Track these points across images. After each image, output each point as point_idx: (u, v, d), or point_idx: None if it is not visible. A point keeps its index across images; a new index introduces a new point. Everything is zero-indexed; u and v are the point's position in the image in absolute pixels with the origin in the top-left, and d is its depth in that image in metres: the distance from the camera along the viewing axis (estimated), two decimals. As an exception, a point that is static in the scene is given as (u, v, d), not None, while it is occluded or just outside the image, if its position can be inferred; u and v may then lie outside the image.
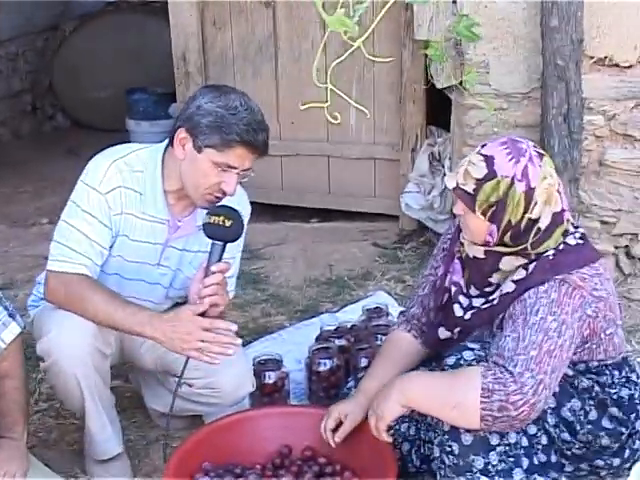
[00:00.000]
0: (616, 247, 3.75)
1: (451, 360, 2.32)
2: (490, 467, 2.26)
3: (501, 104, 3.59)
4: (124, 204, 2.62)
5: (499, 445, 2.27)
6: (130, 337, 2.77)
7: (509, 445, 2.28)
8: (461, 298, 2.48)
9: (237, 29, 4.61)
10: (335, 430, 2.56)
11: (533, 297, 2.29)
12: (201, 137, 2.48)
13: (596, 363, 2.41)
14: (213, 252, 2.52)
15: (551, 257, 2.34)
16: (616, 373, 2.46)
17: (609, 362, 2.45)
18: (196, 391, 2.77)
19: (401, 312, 2.80)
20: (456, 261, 2.52)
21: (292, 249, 4.44)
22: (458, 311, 2.47)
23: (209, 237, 2.52)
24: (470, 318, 2.44)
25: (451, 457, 2.29)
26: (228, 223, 2.49)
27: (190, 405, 2.86)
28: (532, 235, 2.34)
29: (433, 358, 2.58)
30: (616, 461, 2.44)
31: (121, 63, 6.37)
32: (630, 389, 2.47)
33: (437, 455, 2.34)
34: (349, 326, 3.30)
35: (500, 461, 2.26)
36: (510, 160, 2.31)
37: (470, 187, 2.31)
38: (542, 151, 2.42)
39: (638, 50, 3.52)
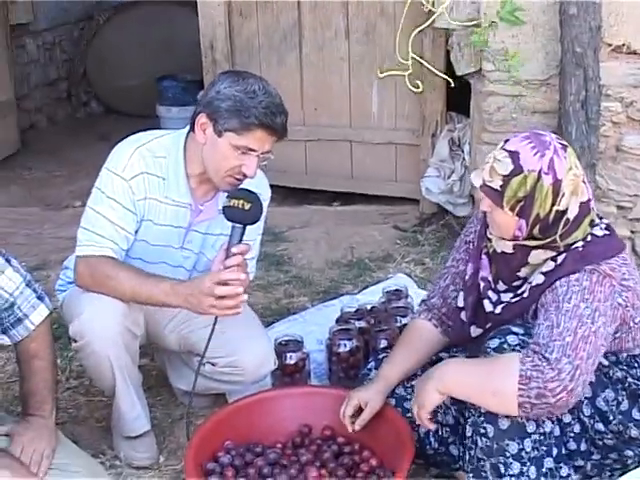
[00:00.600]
0: (632, 232, 3.66)
1: (494, 343, 2.22)
2: (523, 453, 2.17)
3: (520, 91, 3.50)
4: (148, 189, 2.57)
5: (534, 433, 2.17)
6: (155, 319, 2.74)
7: (544, 434, 2.19)
8: (490, 293, 2.39)
9: (263, 18, 4.54)
10: (354, 416, 2.50)
11: (565, 285, 2.20)
12: (221, 121, 2.43)
13: (625, 354, 2.32)
14: (233, 234, 2.46)
15: (580, 248, 2.25)
16: (644, 363, 2.39)
17: (637, 352, 2.37)
18: (219, 370, 2.71)
19: (422, 301, 2.72)
20: (483, 257, 2.43)
21: (315, 232, 4.37)
22: (488, 306, 2.38)
23: (229, 220, 2.46)
24: (501, 312, 2.35)
25: (484, 439, 2.20)
26: (247, 206, 2.44)
27: (213, 384, 2.81)
28: (561, 227, 2.24)
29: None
30: None
31: (151, 52, 6.33)
32: (658, 381, 2.39)
33: (469, 435, 2.25)
34: (369, 308, 3.23)
35: (533, 448, 2.17)
36: (535, 154, 2.21)
37: (497, 184, 2.22)
38: (565, 142, 2.32)
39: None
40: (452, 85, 4.09)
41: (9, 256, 2.36)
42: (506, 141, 2.28)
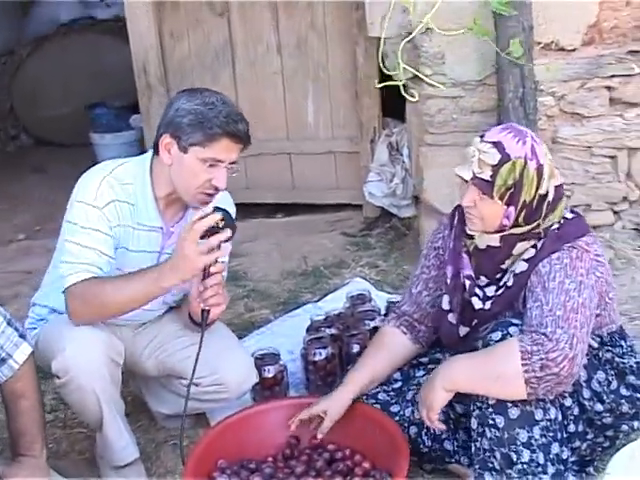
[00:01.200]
0: (572, 218, 3.67)
1: (496, 335, 2.19)
2: (533, 441, 2.15)
3: (458, 92, 3.47)
4: (120, 217, 2.46)
5: (542, 420, 2.15)
6: (131, 347, 2.62)
7: (550, 420, 2.16)
8: (477, 290, 2.35)
9: (194, 38, 4.42)
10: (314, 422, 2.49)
11: (547, 266, 2.22)
12: (184, 137, 2.35)
13: (605, 332, 2.33)
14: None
15: (556, 230, 2.27)
16: (623, 343, 2.39)
17: (614, 329, 2.37)
18: (203, 389, 2.61)
19: (391, 309, 2.71)
20: (463, 256, 2.39)
21: (265, 244, 4.27)
22: (477, 303, 2.34)
23: (204, 239, 2.35)
24: (490, 307, 2.32)
25: (494, 430, 2.16)
26: (221, 224, 2.33)
27: (197, 404, 2.69)
28: (543, 211, 2.26)
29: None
30: (636, 424, 2.38)
31: (77, 81, 6.12)
32: (635, 357, 2.39)
33: (474, 427, 2.21)
34: (336, 314, 3.16)
35: (541, 435, 2.15)
36: (518, 142, 2.23)
37: (487, 174, 2.20)
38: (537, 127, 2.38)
39: (580, 34, 3.44)
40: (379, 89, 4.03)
41: (-12, 296, 2.22)
42: (482, 136, 2.28)
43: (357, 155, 4.36)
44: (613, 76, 3.45)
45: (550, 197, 2.26)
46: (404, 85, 3.24)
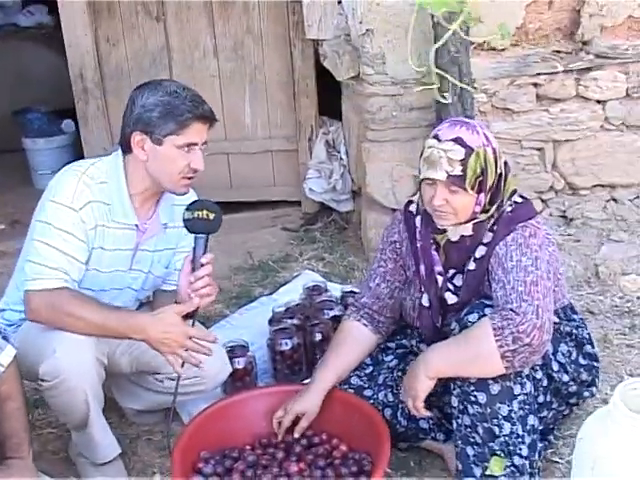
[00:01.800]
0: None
1: (473, 317, 2.21)
2: (512, 414, 2.19)
3: (398, 90, 3.49)
4: (96, 217, 2.39)
5: (520, 394, 2.19)
6: (105, 344, 2.52)
7: (526, 394, 2.21)
8: (449, 285, 2.38)
9: (130, 44, 4.28)
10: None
11: (503, 248, 2.27)
12: (157, 130, 2.32)
13: (559, 307, 2.40)
14: (198, 245, 2.35)
15: (509, 213, 2.33)
16: (575, 316, 2.47)
17: (566, 304, 2.45)
18: (180, 382, 2.50)
19: (350, 303, 2.71)
20: (433, 253, 2.41)
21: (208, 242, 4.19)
22: (451, 298, 2.37)
23: (193, 232, 2.35)
24: (461, 297, 2.34)
25: (476, 406, 2.19)
26: (212, 216, 2.34)
27: (170, 398, 2.62)
28: (502, 189, 2.31)
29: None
30: (594, 389, 2.48)
31: (2, 87, 5.86)
32: (586, 328, 2.48)
33: (455, 405, 2.23)
34: (295, 305, 3.14)
35: (520, 408, 2.19)
36: (472, 133, 2.27)
37: (458, 170, 2.23)
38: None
39: (510, 35, 3.51)
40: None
41: (-30, 300, 2.11)
42: (436, 136, 2.29)
43: (294, 153, 4.33)
44: (539, 74, 3.52)
45: (503, 174, 2.32)
46: (438, 88, 3.21)
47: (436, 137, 2.28)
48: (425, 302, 2.43)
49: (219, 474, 2.36)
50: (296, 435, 2.46)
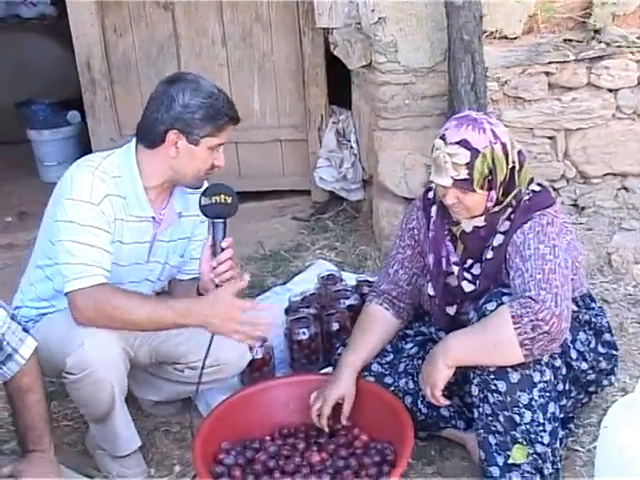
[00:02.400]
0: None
1: (492, 305, 2.21)
2: (533, 402, 2.18)
3: (410, 78, 3.47)
4: (115, 211, 2.37)
5: (540, 382, 2.19)
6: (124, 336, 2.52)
7: (546, 382, 2.20)
8: (466, 274, 2.37)
9: (138, 33, 4.27)
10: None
11: (521, 236, 2.27)
12: (196, 131, 2.31)
13: (578, 295, 2.39)
14: (217, 230, 2.35)
15: (527, 202, 2.32)
16: (594, 304, 2.46)
17: (585, 292, 2.45)
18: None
19: (371, 289, 2.71)
20: (447, 243, 2.41)
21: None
22: (468, 287, 2.36)
23: (211, 217, 2.35)
24: (479, 286, 2.34)
25: (496, 395, 2.18)
26: (229, 200, 2.35)
27: (190, 387, 2.62)
28: (516, 179, 2.30)
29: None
30: (613, 378, 2.49)
31: (5, 78, 5.82)
32: (605, 317, 2.47)
33: (475, 394, 2.23)
34: (311, 295, 3.12)
35: (540, 396, 2.19)
36: (479, 132, 2.25)
37: (464, 174, 2.22)
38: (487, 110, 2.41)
39: (522, 23, 3.49)
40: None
41: (-9, 292, 2.10)
42: (443, 137, 2.27)
43: (303, 142, 4.31)
44: (550, 62, 3.50)
45: (517, 165, 2.31)
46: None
47: (443, 138, 2.26)
48: (430, 291, 2.44)
49: (241, 465, 2.36)
50: (344, 422, 2.45)
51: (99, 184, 2.34)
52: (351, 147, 4.06)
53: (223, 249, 2.34)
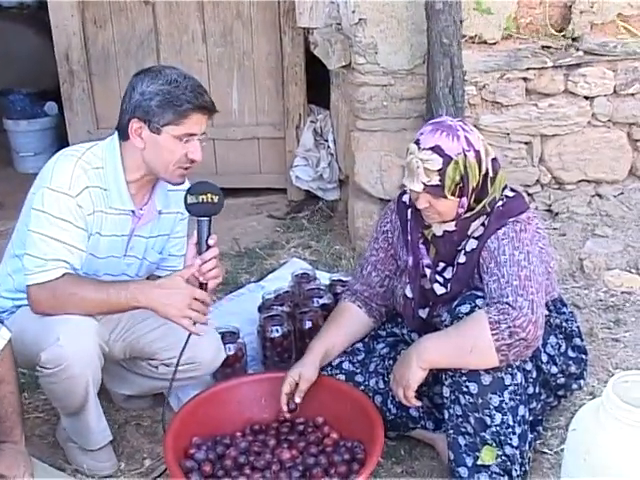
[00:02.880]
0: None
1: (465, 308, 2.23)
2: (503, 405, 2.20)
3: (389, 80, 3.48)
4: (94, 203, 2.35)
5: (511, 385, 2.21)
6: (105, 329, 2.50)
7: (517, 385, 2.22)
8: (437, 277, 2.39)
9: (118, 26, 4.24)
10: (291, 393, 2.46)
11: (495, 242, 2.28)
12: (155, 119, 2.27)
13: (549, 299, 2.41)
14: (202, 228, 2.32)
15: (501, 207, 2.33)
16: (565, 309, 2.49)
17: (556, 297, 2.47)
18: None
19: (345, 288, 2.75)
20: (421, 246, 2.43)
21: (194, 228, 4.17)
22: (440, 289, 2.38)
23: (197, 215, 2.33)
24: (449, 289, 2.35)
25: (467, 396, 2.20)
26: (216, 199, 2.32)
27: (161, 383, 2.62)
28: (488, 187, 2.31)
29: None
30: (582, 382, 2.52)
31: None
32: (575, 321, 2.50)
33: (447, 395, 2.25)
34: (283, 293, 3.13)
35: (510, 399, 2.21)
36: (452, 139, 2.26)
37: (435, 180, 2.24)
38: (458, 118, 2.43)
39: (501, 29, 3.52)
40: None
41: (-35, 282, 2.08)
42: (417, 142, 2.29)
43: (280, 141, 4.32)
44: (529, 68, 3.53)
45: (490, 173, 2.32)
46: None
47: (417, 143, 2.28)
48: (409, 293, 2.46)
49: (211, 460, 2.36)
50: (297, 399, 2.46)
51: (80, 174, 2.32)
52: (328, 147, 4.06)
53: (209, 247, 2.32)
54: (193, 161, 2.35)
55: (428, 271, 2.41)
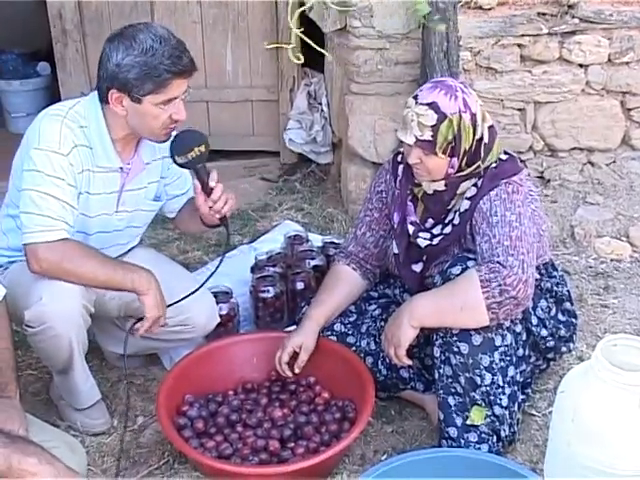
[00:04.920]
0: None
1: (457, 270, 2.22)
2: (494, 365, 2.21)
3: (384, 44, 3.46)
4: (83, 162, 2.33)
5: (501, 346, 2.22)
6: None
7: (507, 346, 2.23)
8: (420, 234, 2.39)
9: (112, -14, 4.19)
10: (290, 361, 2.46)
11: (487, 203, 2.28)
12: (135, 90, 2.22)
13: (541, 264, 2.42)
14: (200, 174, 2.36)
15: (494, 169, 2.33)
16: (556, 273, 2.49)
17: (547, 261, 2.47)
18: (169, 329, 2.51)
19: (338, 250, 2.74)
20: (409, 203, 2.42)
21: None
22: (423, 242, 2.38)
23: (191, 168, 2.36)
24: (438, 243, 2.36)
25: (458, 356, 2.21)
26: (203, 149, 2.34)
27: (160, 344, 2.64)
28: (481, 153, 2.30)
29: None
30: (571, 345, 2.53)
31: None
32: (566, 285, 2.51)
33: (437, 355, 2.25)
34: (277, 254, 3.12)
35: (500, 360, 2.22)
36: (450, 98, 2.25)
37: (428, 135, 2.23)
38: (460, 80, 2.38)
39: (497, -5, 3.50)
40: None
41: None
42: (416, 96, 2.28)
43: (274, 103, 4.28)
44: (523, 35, 3.51)
45: (486, 139, 2.31)
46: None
47: (415, 97, 2.27)
48: (395, 249, 2.46)
49: (204, 417, 2.37)
50: (296, 370, 2.46)
51: (67, 134, 2.29)
52: (322, 110, 4.04)
53: (212, 188, 2.35)
54: (177, 121, 2.31)
55: (412, 228, 2.40)
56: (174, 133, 2.38)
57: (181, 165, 2.33)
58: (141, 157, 2.46)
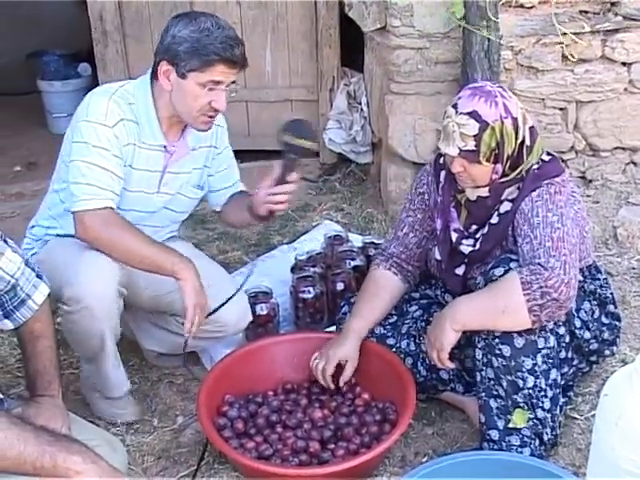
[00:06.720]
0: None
1: (499, 271, 2.20)
2: (536, 368, 2.18)
3: (424, 43, 3.44)
4: (128, 135, 2.39)
5: (544, 348, 2.19)
6: (128, 274, 2.44)
7: (550, 348, 2.20)
8: (464, 241, 2.37)
9: (152, -13, 4.22)
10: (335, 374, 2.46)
11: (529, 204, 2.25)
12: (182, 64, 2.29)
13: (584, 266, 2.39)
14: (288, 164, 2.39)
15: (536, 170, 2.30)
16: (600, 275, 2.46)
17: (590, 263, 2.44)
18: (202, 328, 2.48)
19: (378, 252, 2.70)
20: (452, 210, 2.40)
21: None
22: (466, 249, 2.36)
23: (286, 152, 2.38)
24: (479, 247, 2.33)
25: (500, 359, 2.19)
26: (309, 145, 2.37)
27: (193, 342, 2.62)
28: (524, 155, 2.28)
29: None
30: (614, 348, 2.50)
31: (16, 30, 5.74)
32: (610, 288, 2.47)
33: (479, 357, 2.23)
34: (316, 254, 3.12)
35: (543, 362, 2.19)
36: (490, 105, 2.22)
37: (471, 145, 2.20)
38: (498, 83, 2.36)
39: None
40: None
41: (5, 236, 2.07)
42: (455, 105, 2.25)
43: (313, 103, 4.28)
44: (565, 33, 3.47)
45: (527, 141, 2.28)
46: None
47: (455, 107, 2.24)
48: (437, 255, 2.44)
49: (243, 418, 2.38)
50: (341, 384, 2.46)
51: (114, 108, 2.36)
52: (361, 110, 4.03)
53: (288, 182, 2.39)
54: (217, 110, 2.35)
55: (455, 235, 2.38)
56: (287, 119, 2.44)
57: (284, 143, 2.36)
58: (187, 141, 2.51)
